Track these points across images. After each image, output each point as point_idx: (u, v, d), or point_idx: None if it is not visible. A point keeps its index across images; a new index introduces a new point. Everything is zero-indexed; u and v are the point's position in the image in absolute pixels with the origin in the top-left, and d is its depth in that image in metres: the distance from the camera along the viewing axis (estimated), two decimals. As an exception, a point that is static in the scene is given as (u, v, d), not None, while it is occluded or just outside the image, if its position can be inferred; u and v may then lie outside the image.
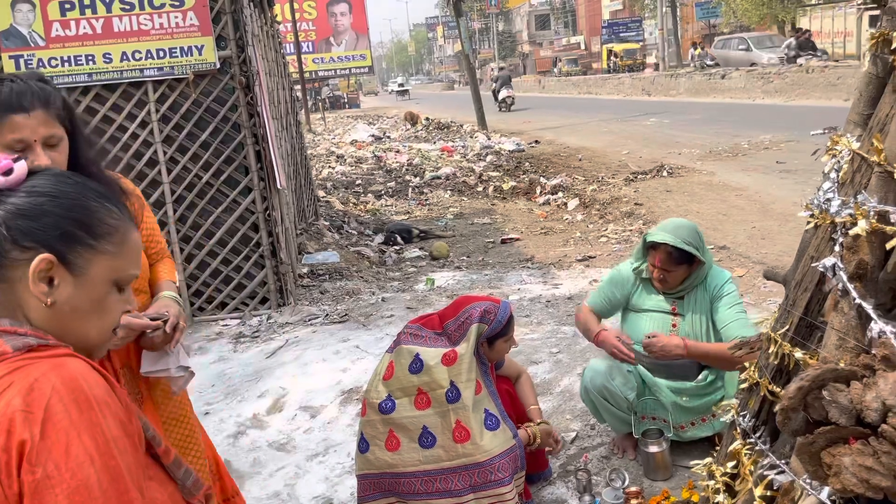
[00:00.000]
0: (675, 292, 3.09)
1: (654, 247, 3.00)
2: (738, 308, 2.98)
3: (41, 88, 1.69)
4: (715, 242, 6.57)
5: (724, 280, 3.04)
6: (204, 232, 5.56)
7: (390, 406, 2.79)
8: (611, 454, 3.29)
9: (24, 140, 1.64)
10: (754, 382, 1.94)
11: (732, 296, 3.01)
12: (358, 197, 11.38)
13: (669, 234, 2.93)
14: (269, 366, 4.69)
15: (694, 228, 3.02)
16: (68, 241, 1.10)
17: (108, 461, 0.99)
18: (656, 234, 2.97)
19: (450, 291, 5.99)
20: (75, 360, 1.05)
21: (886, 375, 1.38)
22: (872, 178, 1.64)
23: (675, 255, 2.94)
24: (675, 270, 2.98)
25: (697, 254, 2.94)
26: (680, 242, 2.91)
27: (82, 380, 1.01)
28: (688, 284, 3.05)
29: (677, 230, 2.96)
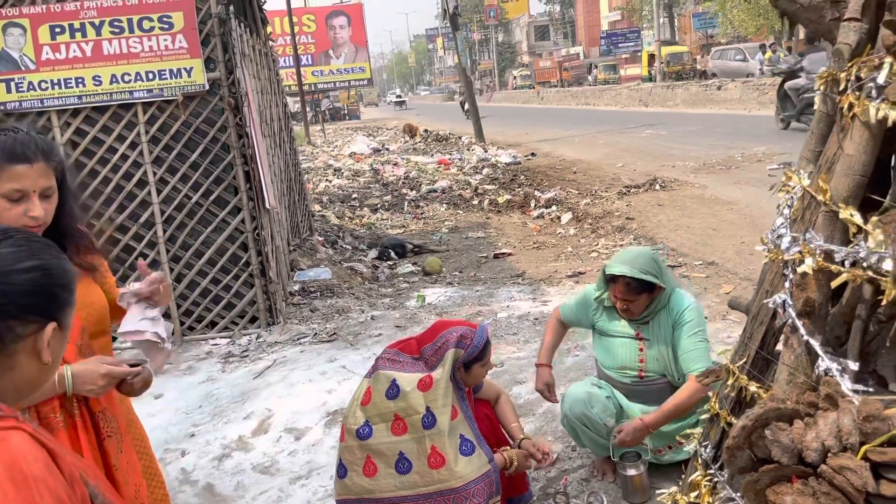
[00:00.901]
0: (640, 318, 3.12)
1: (614, 279, 3.04)
2: (697, 337, 3.01)
3: (44, 140, 1.75)
4: (704, 258, 6.60)
5: (686, 307, 3.07)
6: (193, 252, 5.60)
7: (368, 432, 2.81)
8: (590, 476, 3.31)
9: (22, 190, 1.69)
10: (715, 413, 1.97)
11: (692, 323, 3.03)
12: (354, 211, 11.43)
13: (627, 266, 2.97)
14: (256, 386, 4.71)
15: (650, 256, 3.06)
16: (62, 306, 1.22)
17: None
18: (614, 267, 3.01)
19: (440, 309, 6.02)
20: (18, 435, 1.08)
21: (826, 416, 1.40)
22: (819, 217, 1.67)
23: (633, 285, 2.98)
24: (637, 299, 3.03)
25: (656, 281, 2.98)
26: (637, 273, 2.94)
27: (21, 458, 1.05)
28: (651, 310, 3.09)
29: (634, 261, 3.00)
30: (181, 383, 4.97)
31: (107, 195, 5.47)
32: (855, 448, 1.34)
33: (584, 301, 3.33)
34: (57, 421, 1.70)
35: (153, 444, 4.15)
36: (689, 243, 7.29)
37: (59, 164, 1.76)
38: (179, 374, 5.15)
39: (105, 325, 1.97)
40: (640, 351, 3.12)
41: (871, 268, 1.49)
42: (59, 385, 1.67)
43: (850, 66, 1.66)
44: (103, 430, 1.77)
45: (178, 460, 3.91)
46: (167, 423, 4.37)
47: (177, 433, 4.23)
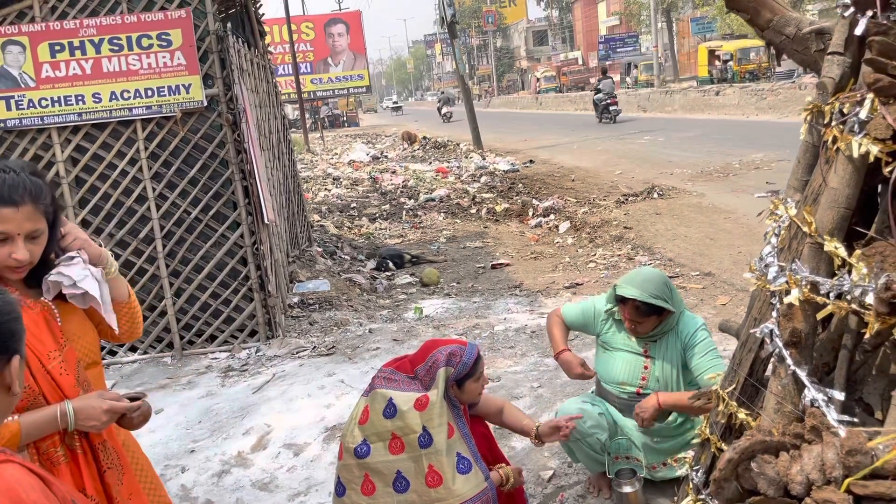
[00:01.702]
0: (648, 336, 3.15)
1: (623, 300, 3.06)
2: (711, 355, 3.03)
3: (33, 183, 1.74)
4: (700, 269, 6.63)
5: (696, 328, 3.09)
6: (193, 266, 5.63)
7: (365, 451, 2.84)
8: (586, 493, 3.34)
9: (6, 232, 1.68)
10: (706, 438, 2.00)
11: (705, 343, 3.06)
12: (352, 220, 11.47)
13: (637, 289, 2.99)
14: (255, 401, 4.74)
15: (661, 280, 3.08)
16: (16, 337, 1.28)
17: None
18: (625, 289, 3.03)
19: (437, 321, 6.05)
20: (12, 467, 1.13)
21: (811, 449, 1.43)
22: (805, 248, 1.70)
23: (643, 308, 3.01)
24: (646, 321, 3.06)
25: (666, 305, 3.00)
26: (647, 297, 2.97)
27: (19, 487, 1.09)
28: (659, 331, 3.12)
29: (644, 284, 3.02)
30: (181, 398, 5.00)
31: (106, 211, 5.51)
32: (838, 481, 1.37)
33: (590, 312, 3.33)
34: (58, 455, 1.73)
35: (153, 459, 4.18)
36: (686, 253, 7.32)
37: (48, 206, 1.76)
38: (179, 388, 5.18)
39: (97, 356, 2.00)
40: (644, 368, 3.15)
41: (855, 300, 1.53)
42: (60, 421, 1.70)
43: (834, 100, 1.69)
44: (103, 463, 1.80)
45: (178, 476, 3.93)
46: (167, 439, 4.39)
47: (177, 449, 4.25)
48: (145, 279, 5.61)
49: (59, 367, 1.77)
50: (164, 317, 5.69)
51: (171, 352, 5.73)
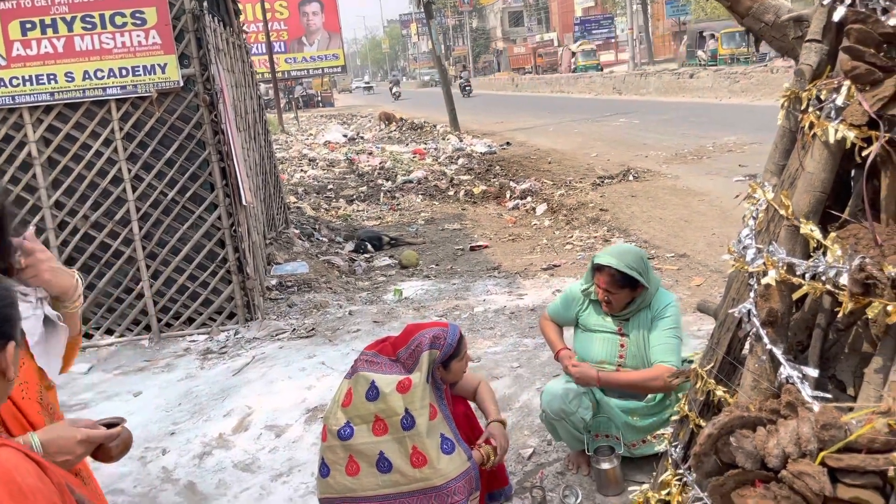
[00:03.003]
0: (621, 314, 3.21)
1: (600, 269, 3.13)
2: (670, 333, 3.10)
3: None
4: (675, 250, 6.73)
5: (667, 303, 3.17)
6: (170, 249, 5.59)
7: (349, 432, 2.87)
8: (566, 470, 3.40)
9: None
10: (685, 415, 2.06)
11: (670, 319, 3.13)
12: (329, 202, 11.42)
13: (614, 258, 3.07)
14: (235, 384, 4.74)
15: (639, 255, 3.15)
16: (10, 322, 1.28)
17: None
18: (602, 257, 3.11)
19: (417, 303, 6.08)
20: (7, 451, 1.13)
21: (787, 424, 1.49)
22: (782, 231, 1.75)
23: (618, 278, 3.07)
24: (619, 293, 3.11)
25: (640, 279, 3.07)
26: (623, 267, 3.04)
27: (14, 470, 1.09)
28: (632, 308, 3.18)
29: (622, 255, 3.09)
30: (160, 380, 4.98)
31: (81, 193, 5.44)
32: (813, 454, 1.43)
33: (568, 299, 3.42)
34: None
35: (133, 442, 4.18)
36: (661, 235, 7.42)
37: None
38: (158, 371, 5.16)
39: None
40: (620, 347, 3.22)
41: (830, 281, 1.58)
42: None
43: (811, 86, 1.73)
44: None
45: (158, 459, 3.93)
46: (147, 422, 4.38)
47: (157, 431, 4.25)
48: (121, 261, 5.56)
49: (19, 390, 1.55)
50: (140, 299, 5.65)
51: (149, 334, 5.70)
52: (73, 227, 5.49)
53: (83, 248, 5.53)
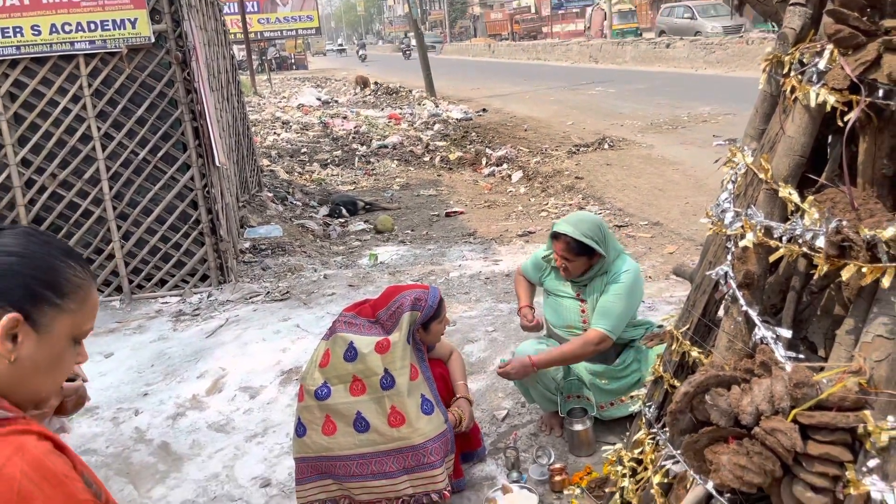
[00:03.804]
0: (579, 280, 3.25)
1: (556, 237, 3.15)
2: (612, 297, 3.13)
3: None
4: (649, 218, 6.78)
5: (623, 270, 3.17)
6: (141, 209, 5.50)
7: (326, 392, 2.88)
8: (539, 431, 3.46)
9: None
10: (659, 376, 2.09)
11: (620, 285, 3.14)
12: (303, 166, 11.29)
13: (571, 227, 3.09)
14: (208, 345, 4.71)
15: (597, 223, 3.16)
16: (35, 300, 1.13)
17: None
18: (559, 226, 3.13)
19: (393, 268, 6.07)
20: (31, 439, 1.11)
21: (761, 382, 1.52)
22: (760, 194, 1.77)
23: (573, 246, 3.09)
24: (576, 261, 3.14)
25: (597, 247, 3.09)
26: (579, 235, 3.06)
27: (44, 457, 1.08)
28: (589, 276, 3.21)
29: (579, 224, 3.11)
30: (132, 342, 4.94)
31: (48, 150, 5.31)
32: (786, 412, 1.46)
33: (536, 261, 3.46)
34: None
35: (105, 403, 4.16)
36: (635, 203, 7.47)
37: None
38: (130, 332, 5.11)
39: None
40: (581, 312, 3.26)
41: (806, 244, 1.60)
42: None
43: (794, 50, 1.74)
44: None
45: (131, 419, 3.91)
46: (119, 382, 4.35)
47: (129, 392, 4.22)
48: (91, 221, 5.46)
49: None
50: (111, 260, 5.57)
51: (120, 296, 5.63)
52: (41, 185, 5.37)
53: (51, 207, 5.42)
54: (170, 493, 3.23)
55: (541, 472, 3.12)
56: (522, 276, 3.60)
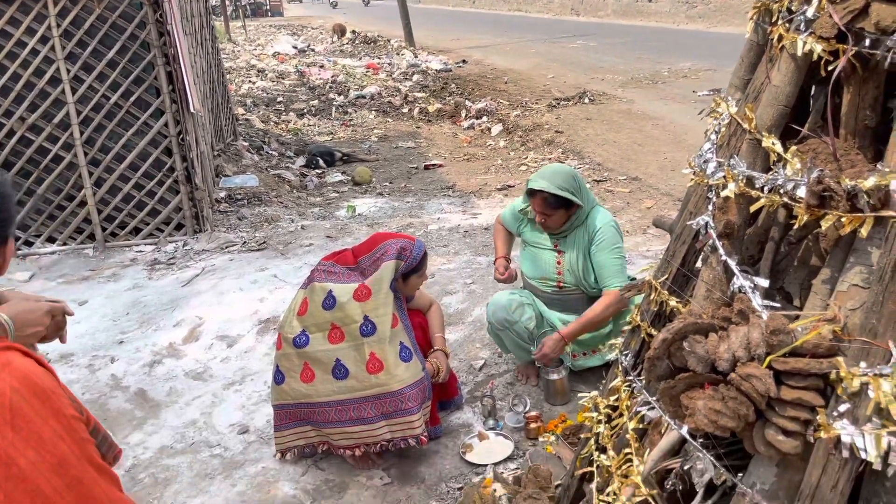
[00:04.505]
0: (559, 232, 3.26)
1: (533, 194, 3.14)
2: (614, 254, 3.17)
3: None
4: (628, 173, 6.80)
5: (604, 223, 3.20)
6: (114, 155, 5.38)
7: (304, 340, 2.88)
8: (515, 381, 3.51)
9: None
10: (636, 325, 2.11)
11: (608, 241, 3.18)
12: (279, 115, 11.11)
13: (546, 181, 3.08)
14: (184, 294, 4.68)
15: (570, 174, 3.17)
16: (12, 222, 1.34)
17: (73, 435, 1.16)
18: (535, 182, 3.13)
19: (371, 220, 6.04)
20: (16, 355, 1.16)
21: (738, 329, 1.54)
22: (743, 144, 1.77)
23: (551, 200, 3.10)
24: (554, 214, 3.15)
25: (573, 198, 3.09)
26: (555, 189, 3.06)
27: (32, 373, 1.13)
28: (568, 226, 3.22)
29: (554, 177, 3.10)
30: (106, 290, 4.89)
31: (17, 93, 5.15)
32: (761, 358, 1.49)
33: (514, 212, 3.46)
34: None
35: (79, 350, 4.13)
36: (614, 158, 7.47)
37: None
38: (104, 280, 5.05)
39: None
40: (557, 264, 3.28)
41: (787, 194, 1.61)
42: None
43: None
44: None
45: (107, 367, 3.90)
46: (93, 330, 4.32)
47: (104, 340, 4.19)
48: (62, 167, 5.34)
49: None
50: (83, 207, 5.47)
51: (93, 243, 5.55)
52: (10, 129, 5.22)
53: (20, 151, 5.28)
54: (147, 439, 3.24)
55: (516, 420, 3.18)
56: (502, 226, 3.60)
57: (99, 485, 1.16)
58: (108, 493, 1.18)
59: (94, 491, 1.15)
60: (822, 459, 1.44)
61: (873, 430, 1.37)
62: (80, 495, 1.14)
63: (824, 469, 1.43)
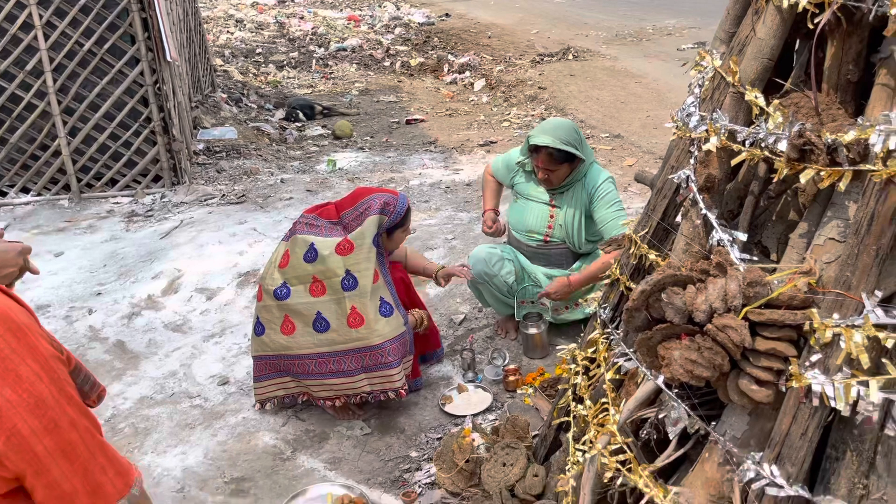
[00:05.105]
0: (558, 188, 3.26)
1: (537, 150, 3.12)
2: (615, 207, 3.18)
3: None
4: (610, 130, 6.78)
5: (602, 180, 3.21)
6: (89, 104, 5.26)
7: (285, 293, 2.88)
8: (494, 335, 3.54)
9: None
10: (615, 278, 2.13)
11: (610, 196, 3.19)
12: (258, 67, 10.88)
13: (549, 137, 3.06)
14: (163, 247, 4.64)
15: (572, 127, 3.15)
16: None
17: (51, 375, 1.13)
18: (538, 137, 3.10)
19: (351, 174, 5.99)
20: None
21: (715, 282, 1.56)
22: (727, 98, 1.77)
23: (556, 155, 3.09)
24: (558, 170, 3.14)
25: (577, 152, 3.09)
26: (560, 144, 3.04)
27: (9, 310, 1.08)
28: (569, 181, 3.22)
29: (556, 131, 3.09)
30: (82, 241, 4.83)
31: (-15, 38, 4.99)
32: (738, 310, 1.51)
33: (508, 162, 3.45)
34: None
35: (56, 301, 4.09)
36: (597, 115, 7.44)
37: None
38: (80, 232, 4.99)
39: None
40: (550, 217, 3.28)
41: (768, 148, 1.62)
42: None
43: (771, -51, 1.70)
44: None
45: (85, 318, 3.88)
46: (70, 282, 4.28)
47: (82, 292, 4.16)
48: (35, 115, 5.22)
49: None
50: (58, 157, 5.36)
51: (68, 194, 5.46)
52: (-21, 76, 5.08)
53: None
54: (127, 390, 3.24)
55: (495, 373, 3.22)
56: (492, 178, 3.58)
57: (77, 428, 1.15)
58: (86, 437, 1.16)
59: (70, 435, 1.14)
60: (792, 408, 1.48)
61: (843, 380, 1.40)
62: (57, 439, 1.12)
63: (794, 417, 1.47)
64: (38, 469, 1.11)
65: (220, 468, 2.73)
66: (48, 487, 1.12)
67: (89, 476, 1.15)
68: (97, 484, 1.16)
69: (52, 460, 1.12)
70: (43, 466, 1.11)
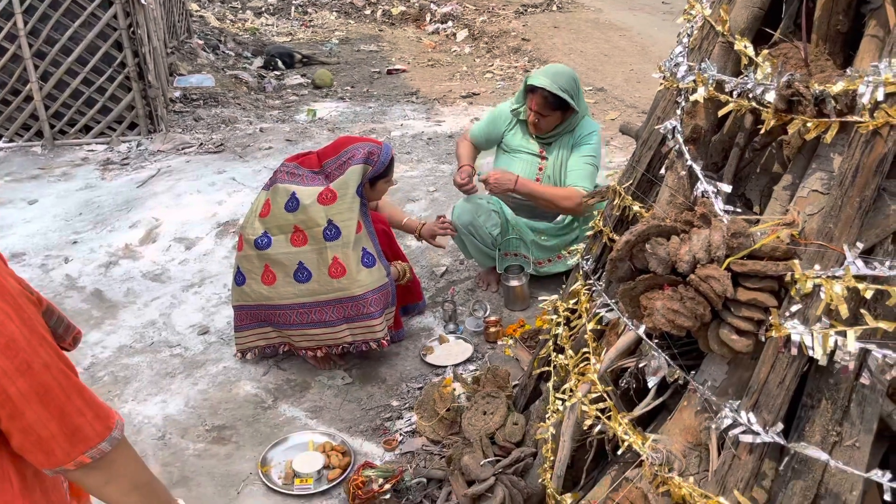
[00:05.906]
0: (546, 137, 3.24)
1: (533, 90, 3.10)
2: (587, 160, 3.17)
3: None
4: (593, 84, 6.73)
5: (590, 131, 3.20)
6: (61, 48, 5.10)
7: (266, 242, 2.85)
8: (476, 287, 3.55)
9: None
10: (598, 230, 2.13)
11: (590, 147, 3.18)
12: (235, 13, 10.61)
13: (548, 80, 3.04)
14: (140, 195, 4.57)
15: (572, 76, 3.12)
16: None
17: (22, 315, 1.08)
18: (536, 79, 3.07)
19: (332, 124, 5.91)
20: None
21: (700, 232, 1.57)
22: (715, 48, 1.75)
23: (550, 100, 3.06)
24: (550, 115, 3.12)
25: (571, 102, 3.07)
26: (556, 89, 3.02)
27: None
28: (559, 130, 3.20)
29: (556, 77, 3.06)
30: (57, 189, 4.74)
31: (-50, -24, 4.80)
32: (721, 260, 1.52)
33: (496, 116, 3.41)
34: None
35: (32, 250, 4.03)
36: (580, 68, 7.37)
37: None
38: (54, 179, 4.89)
39: None
40: (539, 170, 3.27)
41: (756, 98, 1.61)
42: None
43: None
44: None
45: (61, 266, 3.83)
46: (45, 230, 4.21)
47: (57, 240, 4.10)
48: (6, 59, 5.06)
49: None
50: (30, 102, 5.22)
51: (41, 141, 5.34)
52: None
53: (-42, 41, 4.98)
54: (106, 339, 3.22)
55: (476, 325, 3.24)
56: (468, 141, 3.50)
57: (50, 370, 1.11)
58: (61, 379, 1.13)
59: (44, 376, 1.10)
60: (771, 357, 1.50)
61: (822, 330, 1.42)
62: (30, 380, 1.08)
63: (773, 366, 1.49)
64: (12, 412, 1.08)
65: (202, 416, 2.73)
66: (24, 432, 1.10)
67: (66, 419, 1.12)
68: (75, 426, 1.13)
69: (25, 403, 1.08)
70: (17, 409, 1.08)
